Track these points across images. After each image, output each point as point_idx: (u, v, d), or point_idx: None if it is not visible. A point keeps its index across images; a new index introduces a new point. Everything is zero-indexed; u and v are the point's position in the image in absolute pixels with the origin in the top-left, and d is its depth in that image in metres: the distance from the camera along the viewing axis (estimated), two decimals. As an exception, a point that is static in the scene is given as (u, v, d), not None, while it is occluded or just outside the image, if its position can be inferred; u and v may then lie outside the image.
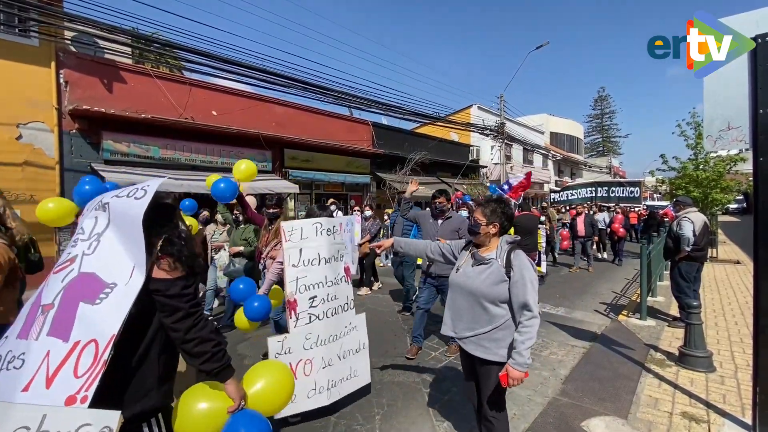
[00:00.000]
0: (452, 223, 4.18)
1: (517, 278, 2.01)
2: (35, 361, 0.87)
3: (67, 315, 0.93)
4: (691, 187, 10.64)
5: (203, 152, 10.15)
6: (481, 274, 2.12)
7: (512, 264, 2.04)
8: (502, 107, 18.87)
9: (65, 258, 0.97)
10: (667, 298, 6.58)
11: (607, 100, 54.31)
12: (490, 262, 2.12)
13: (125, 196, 1.06)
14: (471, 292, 2.14)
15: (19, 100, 7.62)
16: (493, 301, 2.07)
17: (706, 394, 3.23)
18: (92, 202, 1.03)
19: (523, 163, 27.08)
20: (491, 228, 2.16)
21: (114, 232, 1.02)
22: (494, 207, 2.18)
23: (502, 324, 2.08)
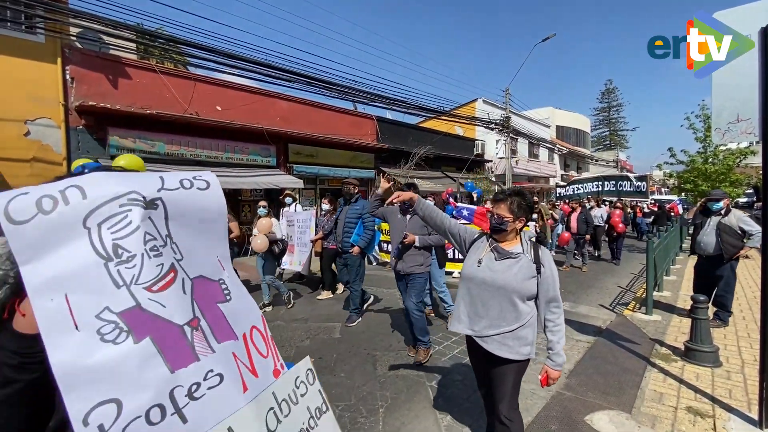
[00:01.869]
0: None
1: (548, 274, 2.02)
2: (231, 367, 0.88)
3: (218, 319, 0.92)
4: (700, 181, 10.54)
5: (208, 147, 10.20)
6: (511, 269, 2.03)
7: (542, 260, 2.03)
8: (508, 101, 18.72)
9: (160, 273, 0.84)
10: (673, 292, 6.54)
11: (615, 93, 53.66)
12: (519, 256, 2.05)
13: (181, 188, 0.93)
14: (501, 287, 2.03)
15: (26, 96, 7.68)
16: (523, 297, 2.02)
17: (712, 389, 3.21)
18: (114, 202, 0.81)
19: (528, 156, 26.91)
20: (518, 223, 2.09)
21: (182, 228, 0.91)
22: (519, 201, 2.09)
23: (527, 322, 2.03)
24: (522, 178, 25.29)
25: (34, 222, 0.73)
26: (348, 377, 3.54)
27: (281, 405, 1.02)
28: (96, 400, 0.71)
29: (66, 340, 0.72)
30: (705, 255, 4.89)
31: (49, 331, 0.71)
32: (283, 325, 5.04)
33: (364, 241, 5.15)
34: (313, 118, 12.77)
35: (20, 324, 0.81)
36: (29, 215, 0.73)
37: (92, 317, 0.75)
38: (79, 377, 0.71)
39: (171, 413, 0.77)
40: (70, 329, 0.73)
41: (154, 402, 0.76)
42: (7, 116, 7.47)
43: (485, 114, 19.32)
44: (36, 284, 0.72)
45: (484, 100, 23.33)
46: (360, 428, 2.75)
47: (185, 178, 0.96)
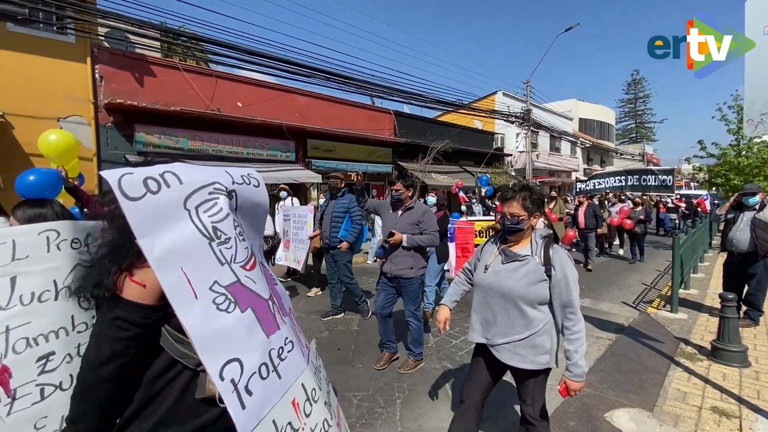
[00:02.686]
0: (412, 214, 3.51)
1: (560, 277, 1.81)
2: (294, 336, 1.08)
3: (278, 297, 1.09)
4: (732, 175, 10.09)
5: (229, 143, 10.41)
6: (516, 273, 1.89)
7: (552, 261, 1.84)
8: (528, 93, 18.33)
9: (248, 254, 0.98)
10: (701, 290, 6.33)
11: (642, 84, 51.65)
12: (526, 258, 1.89)
13: (244, 183, 1.05)
14: (504, 293, 1.90)
15: (58, 95, 8.02)
16: (531, 303, 1.86)
17: (739, 389, 3.12)
18: (204, 189, 0.91)
19: (549, 150, 26.32)
20: (534, 220, 1.93)
21: (244, 219, 1.03)
22: (530, 196, 1.93)
23: (541, 329, 1.87)
24: (543, 173, 24.79)
25: (146, 199, 0.82)
26: (366, 368, 3.60)
27: (316, 370, 1.21)
28: (224, 358, 0.84)
29: (191, 308, 0.83)
30: (737, 252, 4.68)
31: (176, 300, 0.81)
32: (302, 317, 5.14)
33: (352, 236, 4.95)
34: (331, 113, 12.85)
35: (140, 295, 0.91)
36: (140, 193, 0.82)
37: (207, 289, 0.86)
38: (209, 340, 0.83)
39: (272, 370, 0.93)
40: (192, 299, 0.83)
41: (261, 361, 0.91)
42: (42, 114, 7.82)
43: (505, 107, 18.98)
44: (157, 257, 0.81)
45: (504, 92, 22.90)
46: (377, 418, 2.80)
47: (243, 175, 1.08)
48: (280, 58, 9.50)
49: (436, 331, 4.54)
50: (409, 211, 3.52)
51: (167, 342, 0.95)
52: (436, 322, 2.25)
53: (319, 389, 1.11)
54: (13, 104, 7.47)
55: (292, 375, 1.01)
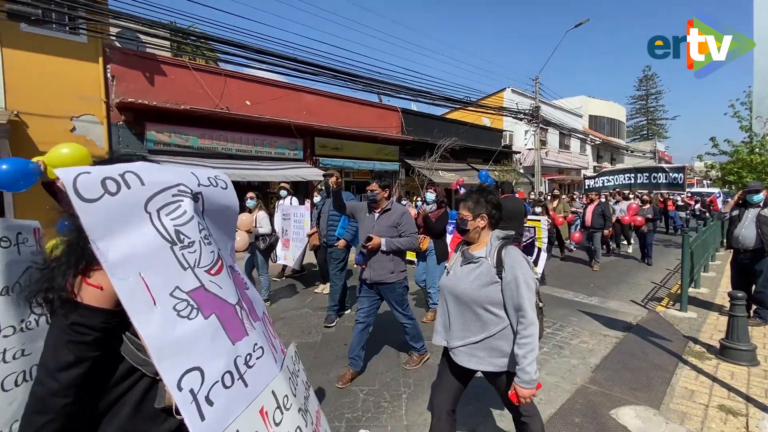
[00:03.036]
0: (390, 216, 3.34)
1: (510, 279, 1.78)
2: (265, 341, 1.05)
3: (249, 302, 1.08)
4: (744, 173, 9.91)
5: (238, 141, 10.51)
6: (470, 275, 1.88)
7: (504, 263, 1.81)
8: (537, 90, 18.18)
9: (213, 258, 0.95)
10: (711, 289, 6.26)
11: (653, 80, 50.81)
12: (480, 260, 1.88)
13: (211, 185, 1.02)
14: (459, 295, 1.90)
15: (71, 94, 8.17)
16: (483, 305, 1.84)
17: (747, 388, 3.10)
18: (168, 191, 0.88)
19: (559, 148, 26.08)
20: (479, 221, 1.94)
21: (211, 222, 1.01)
22: (476, 198, 1.96)
23: (497, 332, 1.84)
24: (552, 170, 24.59)
25: (103, 201, 0.78)
26: (372, 364, 3.65)
27: (292, 375, 1.19)
28: (184, 367, 0.81)
29: (149, 316, 0.79)
30: (743, 249, 4.66)
31: (133, 307, 0.78)
32: (309, 313, 5.20)
33: (350, 234, 4.91)
34: (339, 111, 12.90)
35: (97, 298, 0.87)
36: (97, 194, 0.78)
37: (167, 295, 0.83)
38: (168, 348, 0.80)
39: (237, 378, 0.90)
40: (150, 305, 0.80)
41: (225, 369, 0.88)
42: (55, 113, 7.98)
43: (514, 104, 18.86)
44: (113, 261, 0.78)
45: (512, 89, 22.74)
46: (383, 412, 2.84)
47: (210, 176, 1.05)
48: (288, 57, 9.57)
49: (442, 328, 4.57)
50: (386, 213, 3.37)
51: (127, 349, 0.91)
52: None
53: (292, 395, 1.09)
54: (27, 103, 7.63)
55: (261, 382, 0.97)
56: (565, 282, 6.94)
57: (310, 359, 3.77)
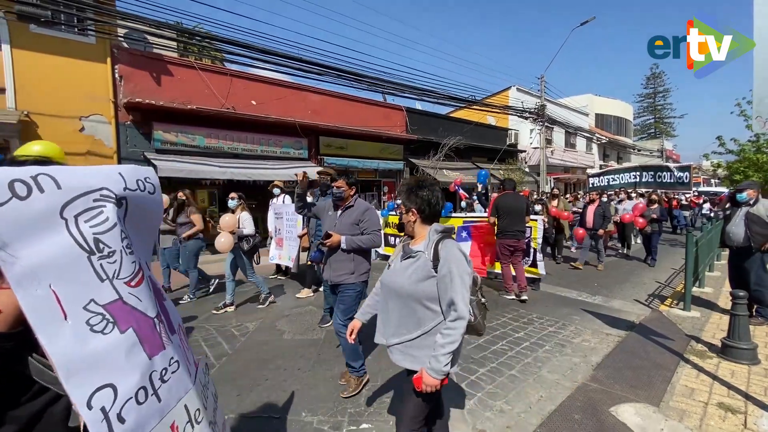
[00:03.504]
0: (352, 213, 3.18)
1: (444, 272, 1.72)
2: (181, 354, 1.03)
3: (166, 314, 1.06)
4: (751, 172, 9.85)
5: (244, 140, 10.61)
6: (407, 270, 1.83)
7: (440, 256, 1.76)
8: (543, 88, 18.11)
9: (135, 269, 0.91)
10: (715, 289, 6.24)
11: (661, 78, 50.31)
12: (418, 254, 1.83)
13: (138, 190, 0.97)
14: (396, 290, 1.85)
15: (80, 94, 8.31)
16: (420, 300, 1.78)
17: (747, 386, 3.11)
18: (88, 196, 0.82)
19: (564, 146, 25.95)
20: (410, 216, 1.91)
21: (132, 229, 0.95)
22: (407, 192, 1.92)
23: (432, 328, 1.78)
24: (557, 169, 24.48)
25: (10, 206, 0.71)
26: (375, 360, 3.70)
27: (203, 388, 1.17)
28: (95, 385, 0.77)
29: (58, 331, 0.74)
30: (735, 246, 4.78)
31: (39, 322, 0.72)
32: (313, 310, 5.27)
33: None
34: (344, 110, 12.96)
35: None
36: (4, 198, 0.71)
37: (80, 308, 0.78)
38: (77, 365, 0.75)
39: (151, 394, 0.87)
40: (60, 320, 0.75)
41: (140, 385, 0.85)
42: (65, 114, 8.13)
43: (519, 102, 18.80)
44: (19, 273, 0.72)
45: (517, 87, 22.67)
46: (385, 407, 2.89)
47: (139, 179, 0.98)
48: (293, 57, 9.64)
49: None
50: (349, 209, 3.22)
51: (35, 369, 0.85)
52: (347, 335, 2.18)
53: (204, 408, 1.07)
54: (37, 104, 7.78)
55: (175, 397, 0.95)
56: (569, 281, 6.94)
57: (313, 356, 3.83)
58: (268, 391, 3.17)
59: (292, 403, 2.97)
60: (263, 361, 3.72)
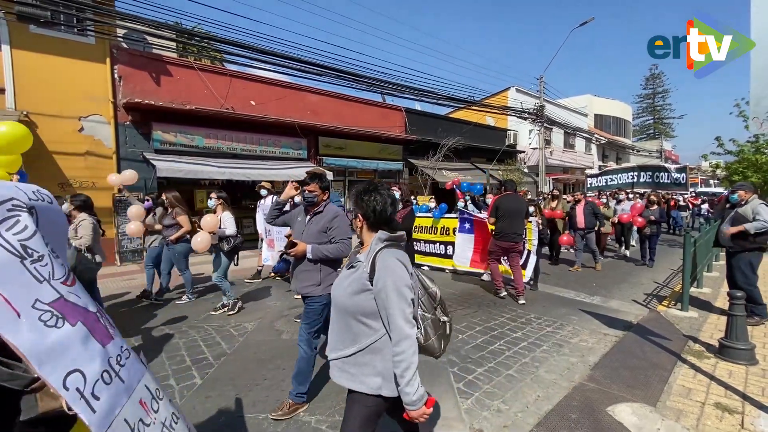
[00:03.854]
0: (320, 220, 2.94)
1: (380, 287, 1.55)
2: (125, 344, 1.12)
3: (102, 312, 1.11)
4: (749, 172, 9.88)
5: (243, 141, 10.62)
6: (345, 281, 1.70)
7: (376, 268, 1.59)
8: (542, 89, 18.14)
9: (66, 271, 0.98)
10: (714, 289, 6.26)
11: (660, 79, 50.40)
12: (358, 265, 1.70)
13: (39, 200, 1.01)
14: (334, 302, 1.74)
15: (79, 95, 8.31)
16: (354, 315, 1.63)
17: (744, 386, 3.12)
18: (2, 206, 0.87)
19: (563, 147, 25.99)
20: (357, 222, 1.80)
21: (46, 236, 0.98)
22: (355, 197, 1.81)
23: (368, 346, 1.61)
24: (556, 169, 24.51)
25: None
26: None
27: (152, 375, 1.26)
28: (65, 370, 0.85)
29: (17, 327, 0.80)
30: (725, 245, 4.94)
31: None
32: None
33: None
34: (343, 110, 12.97)
35: None
36: None
37: (29, 307, 0.84)
38: (45, 354, 0.82)
39: (114, 376, 0.97)
40: (15, 318, 0.80)
41: (102, 368, 0.94)
42: (64, 114, 8.12)
43: (518, 103, 18.82)
44: None
45: (516, 88, 22.69)
46: (383, 408, 2.90)
47: (33, 191, 1.02)
48: (292, 57, 9.64)
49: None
50: (317, 216, 2.97)
51: None
52: None
53: (161, 389, 1.18)
54: (37, 104, 7.78)
55: (135, 378, 1.05)
56: (567, 281, 6.95)
57: (312, 356, 3.84)
58: (267, 390, 3.17)
59: (287, 402, 2.97)
60: (262, 361, 3.73)
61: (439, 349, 1.82)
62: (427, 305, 1.79)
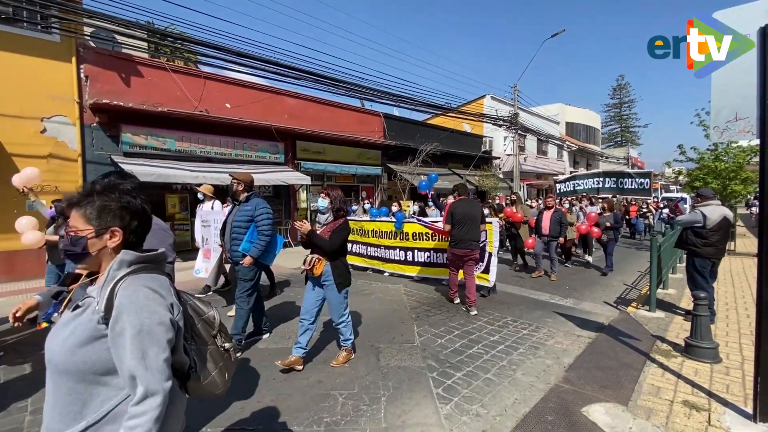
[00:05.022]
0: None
1: (117, 331, 1.07)
2: None
3: None
4: (710, 179, 10.42)
5: (218, 144, 10.38)
6: (66, 327, 1.12)
7: (114, 304, 1.09)
8: (516, 97, 18.62)
9: None
10: (679, 290, 6.54)
11: (626, 89, 52.90)
12: (85, 303, 1.16)
13: None
14: (50, 363, 1.12)
15: (43, 94, 7.92)
16: (84, 374, 1.08)
17: (710, 384, 3.26)
18: None
19: (537, 153, 26.73)
20: (107, 240, 1.20)
21: None
22: (101, 201, 1.20)
23: (109, 412, 1.09)
24: (530, 175, 25.16)
25: None
26: (351, 367, 3.66)
27: None
28: None
29: None
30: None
31: None
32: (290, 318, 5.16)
33: (257, 250, 4.12)
34: (321, 115, 12.90)
35: None
36: None
37: None
38: None
39: None
40: None
41: None
42: (25, 114, 7.72)
43: (493, 111, 19.25)
44: None
45: (492, 96, 23.20)
46: (362, 415, 2.86)
47: None
48: (269, 60, 9.52)
49: (421, 331, 4.62)
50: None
51: None
52: None
53: None
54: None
55: None
56: (542, 284, 7.11)
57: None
58: (241, 403, 3.07)
59: (266, 414, 2.89)
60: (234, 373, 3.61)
61: (222, 385, 1.38)
62: (204, 335, 1.36)
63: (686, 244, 4.93)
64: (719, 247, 4.80)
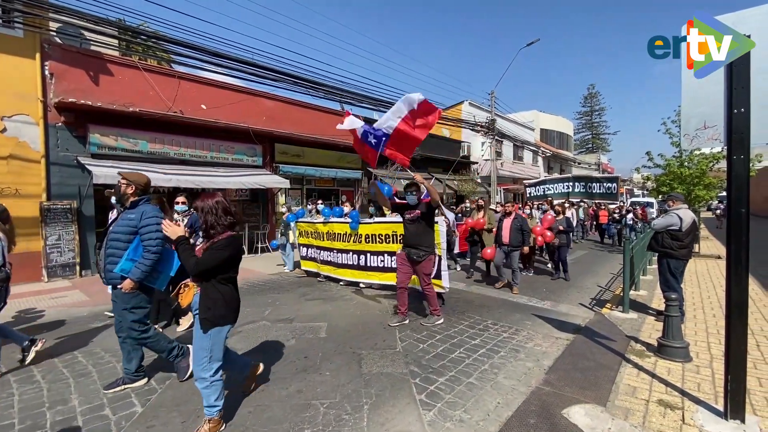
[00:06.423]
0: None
1: None
2: None
3: None
4: (675, 184, 10.89)
5: (192, 146, 10.08)
6: None
7: None
8: (493, 103, 18.99)
9: None
10: (649, 291, 6.77)
11: (597, 98, 55.08)
12: None
13: None
14: None
15: (3, 92, 7.49)
16: None
17: (682, 382, 3.36)
18: None
19: (513, 159, 27.33)
20: None
21: None
22: None
23: None
24: (507, 180, 25.68)
25: None
26: (333, 376, 3.58)
27: None
28: None
29: None
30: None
31: None
32: (268, 325, 5.04)
33: (140, 270, 3.14)
34: (300, 117, 12.75)
35: None
36: None
37: None
38: None
39: None
40: None
41: None
42: (-17, 112, 7.27)
43: (471, 116, 19.56)
44: None
45: (470, 102, 23.60)
46: (344, 425, 2.79)
47: None
48: (246, 61, 9.34)
49: (403, 336, 4.59)
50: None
51: None
52: None
53: None
54: (-50, 100, 6.90)
55: None
56: (520, 287, 7.21)
57: (265, 375, 3.64)
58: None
59: (244, 427, 2.78)
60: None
61: None
62: None
63: (662, 247, 5.06)
64: (690, 248, 5.04)
